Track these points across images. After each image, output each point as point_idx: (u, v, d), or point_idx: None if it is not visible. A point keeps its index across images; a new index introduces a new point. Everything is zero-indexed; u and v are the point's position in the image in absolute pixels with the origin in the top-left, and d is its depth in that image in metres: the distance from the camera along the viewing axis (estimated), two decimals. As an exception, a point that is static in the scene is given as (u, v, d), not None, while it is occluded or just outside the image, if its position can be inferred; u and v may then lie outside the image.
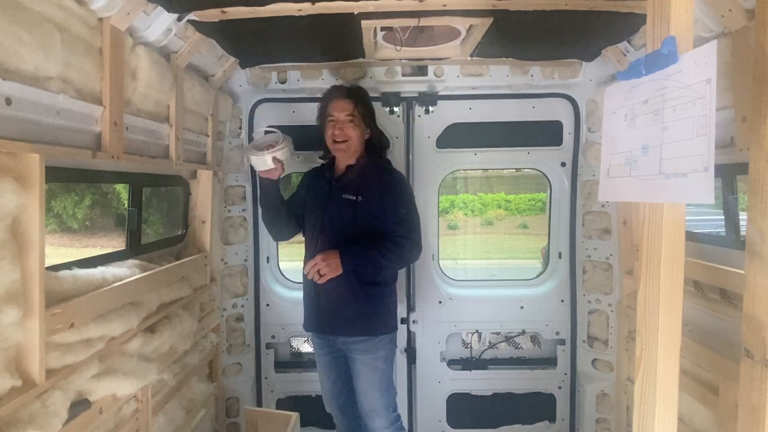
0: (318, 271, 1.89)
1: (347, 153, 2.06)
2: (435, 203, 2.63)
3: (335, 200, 2.03)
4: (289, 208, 2.17)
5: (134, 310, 1.61)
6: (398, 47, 2.06)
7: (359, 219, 1.98)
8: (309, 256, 2.05)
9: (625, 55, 2.08)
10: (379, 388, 2.05)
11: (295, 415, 2.16)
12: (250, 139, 2.43)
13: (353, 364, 2.06)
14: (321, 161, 2.25)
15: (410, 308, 2.61)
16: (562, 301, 2.63)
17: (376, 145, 2.14)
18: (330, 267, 1.88)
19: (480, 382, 2.69)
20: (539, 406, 2.69)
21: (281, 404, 2.68)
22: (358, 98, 2.05)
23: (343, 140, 2.02)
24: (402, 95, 2.50)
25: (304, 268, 2.03)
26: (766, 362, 0.96)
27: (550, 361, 2.69)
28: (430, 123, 2.55)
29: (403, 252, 1.97)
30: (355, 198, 1.99)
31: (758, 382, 0.98)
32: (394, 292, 2.13)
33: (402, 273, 2.49)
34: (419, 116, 2.52)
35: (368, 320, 2.01)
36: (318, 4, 1.61)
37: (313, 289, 2.04)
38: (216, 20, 1.72)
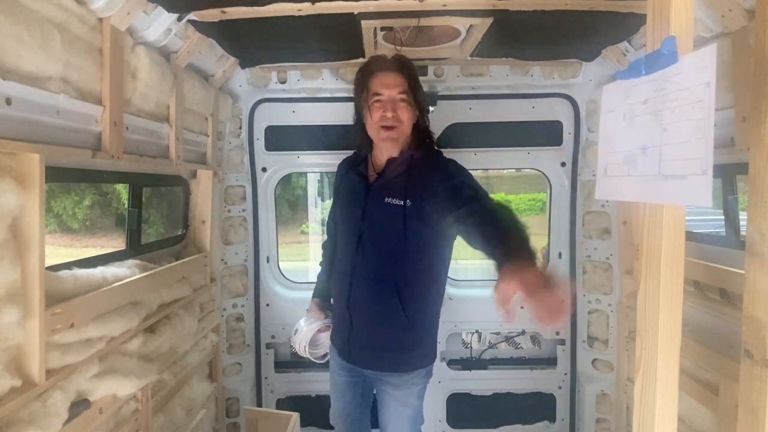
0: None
1: (397, 141, 1.65)
2: None
3: (376, 205, 1.65)
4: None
5: (134, 310, 1.61)
6: (398, 47, 2.06)
7: (410, 230, 1.59)
8: (340, 271, 1.75)
9: (625, 55, 2.08)
10: (407, 423, 1.79)
11: (295, 415, 2.16)
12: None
13: (381, 395, 1.80)
14: (343, 153, 1.91)
15: None
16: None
17: (423, 130, 1.73)
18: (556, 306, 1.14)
19: (480, 382, 2.68)
20: (539, 406, 2.69)
21: (281, 404, 2.68)
22: (411, 71, 1.64)
23: (394, 125, 1.61)
24: None
25: (334, 280, 1.80)
26: (766, 362, 0.96)
27: (550, 361, 2.69)
28: (430, 123, 2.54)
29: (515, 215, 1.45)
30: (402, 203, 1.59)
31: (758, 382, 0.98)
32: (438, 317, 1.78)
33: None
34: None
35: (405, 353, 1.69)
36: (318, 4, 1.61)
37: (347, 313, 1.72)
38: (216, 20, 1.72)
